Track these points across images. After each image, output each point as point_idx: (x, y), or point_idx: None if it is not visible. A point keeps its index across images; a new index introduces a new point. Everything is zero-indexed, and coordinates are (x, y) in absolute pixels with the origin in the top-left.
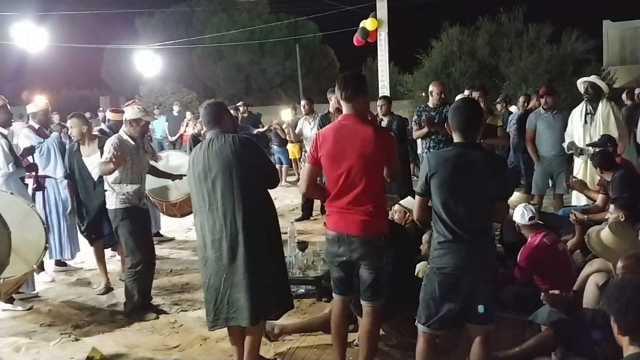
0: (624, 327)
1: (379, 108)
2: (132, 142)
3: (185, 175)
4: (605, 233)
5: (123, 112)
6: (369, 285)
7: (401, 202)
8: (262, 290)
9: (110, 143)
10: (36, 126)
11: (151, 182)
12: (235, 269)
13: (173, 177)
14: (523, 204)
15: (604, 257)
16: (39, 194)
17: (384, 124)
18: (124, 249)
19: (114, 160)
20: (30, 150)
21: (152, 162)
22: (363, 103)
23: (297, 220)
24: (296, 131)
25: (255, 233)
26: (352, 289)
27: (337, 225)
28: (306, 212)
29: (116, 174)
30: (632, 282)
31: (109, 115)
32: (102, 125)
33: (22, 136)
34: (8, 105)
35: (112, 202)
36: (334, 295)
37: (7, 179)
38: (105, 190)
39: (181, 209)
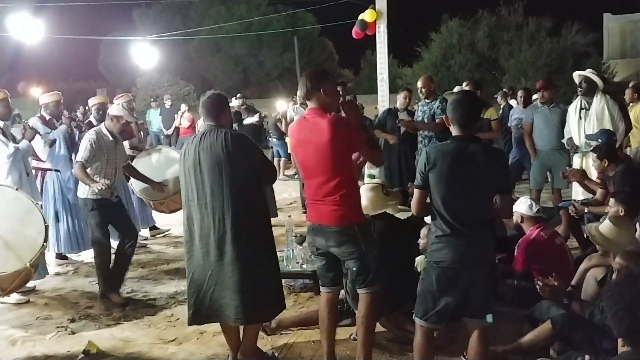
0: (616, 331)
1: (402, 99)
2: (111, 138)
3: (165, 185)
4: (606, 226)
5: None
6: (356, 273)
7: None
8: (251, 290)
9: (87, 139)
10: (47, 117)
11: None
12: (222, 267)
13: (152, 183)
14: (525, 196)
15: (607, 249)
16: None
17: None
18: (90, 237)
19: (101, 188)
20: (34, 132)
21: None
22: (323, 98)
23: (304, 212)
24: (288, 120)
25: (245, 233)
26: (338, 281)
27: (312, 216)
28: None
29: (92, 168)
30: (632, 287)
31: (91, 102)
32: (91, 118)
33: (31, 125)
34: (9, 99)
35: (84, 190)
36: (320, 288)
37: (14, 160)
38: None
39: (169, 205)
